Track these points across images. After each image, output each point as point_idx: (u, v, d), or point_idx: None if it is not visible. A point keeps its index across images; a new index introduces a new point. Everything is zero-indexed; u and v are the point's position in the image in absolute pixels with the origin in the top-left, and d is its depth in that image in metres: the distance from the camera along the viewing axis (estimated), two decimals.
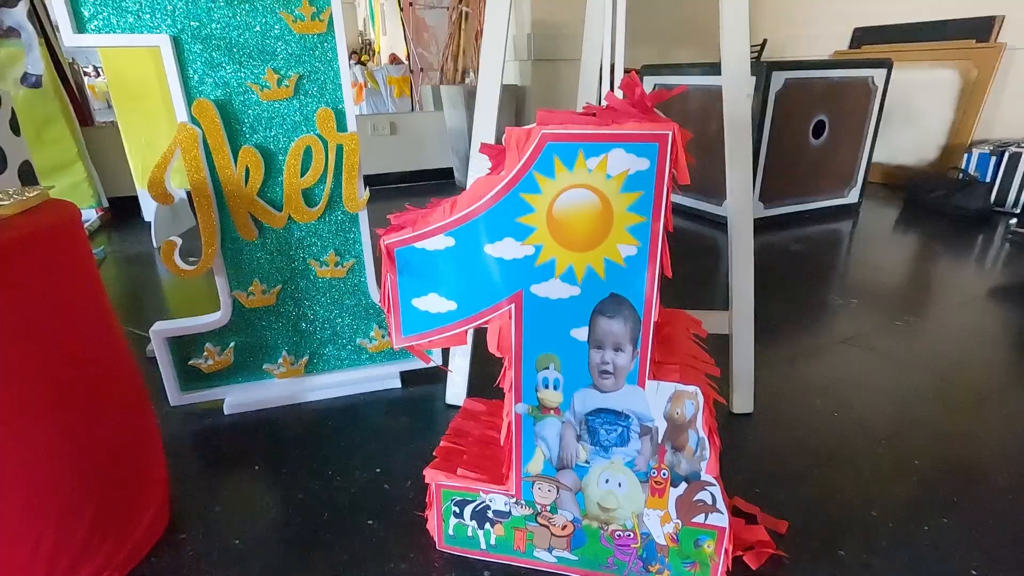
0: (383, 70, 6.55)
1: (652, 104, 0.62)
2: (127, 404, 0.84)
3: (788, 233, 2.32)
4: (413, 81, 5.39)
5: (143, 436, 0.86)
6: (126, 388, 0.84)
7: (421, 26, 5.40)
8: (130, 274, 1.98)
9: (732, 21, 0.94)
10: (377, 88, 6.58)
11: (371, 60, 9.60)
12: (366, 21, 10.29)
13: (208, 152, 1.00)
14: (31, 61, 2.27)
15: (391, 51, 8.61)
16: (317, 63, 1.01)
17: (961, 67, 2.78)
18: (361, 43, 10.43)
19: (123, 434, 0.83)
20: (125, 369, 0.84)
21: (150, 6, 0.92)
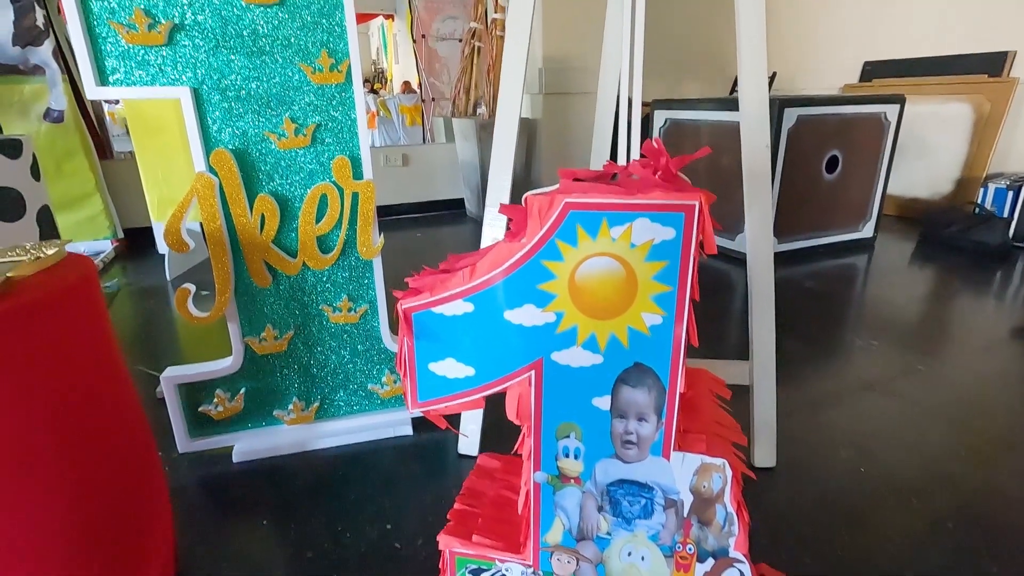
0: (395, 99, 6.67)
1: (677, 169, 0.61)
2: (135, 460, 0.83)
3: (803, 268, 2.30)
4: (425, 110, 5.47)
5: (150, 493, 0.85)
6: (134, 444, 0.83)
7: (433, 57, 5.51)
8: (143, 308, 1.98)
9: (751, 76, 0.93)
10: (389, 116, 6.70)
11: (383, 88, 9.79)
12: (379, 50, 10.52)
13: (224, 200, 1.00)
14: (54, 97, 2.32)
15: (404, 79, 8.77)
16: (334, 112, 1.02)
17: (974, 101, 2.78)
18: (374, 71, 10.66)
19: (130, 491, 0.81)
20: (134, 425, 0.83)
21: (172, 59, 0.93)
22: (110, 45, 0.90)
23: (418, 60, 5.48)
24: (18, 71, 2.27)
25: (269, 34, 0.96)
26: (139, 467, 0.83)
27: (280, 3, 0.95)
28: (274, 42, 0.96)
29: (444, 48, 5.41)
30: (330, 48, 0.98)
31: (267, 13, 0.95)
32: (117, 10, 0.89)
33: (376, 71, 10.06)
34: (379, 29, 9.53)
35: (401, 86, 7.95)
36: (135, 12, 0.89)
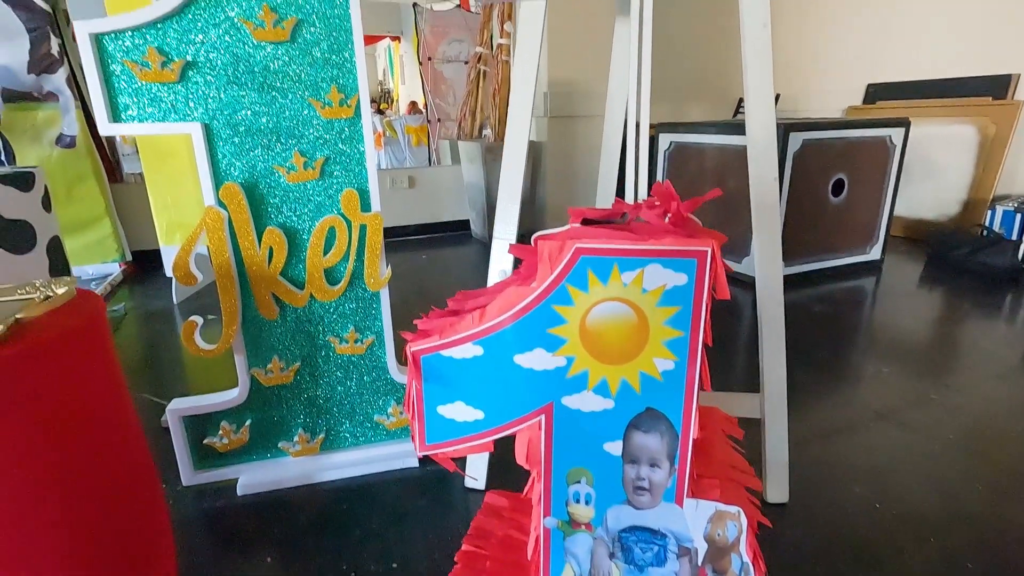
0: (402, 120, 6.73)
1: (688, 213, 0.60)
2: (138, 497, 0.82)
3: (811, 291, 2.28)
4: (431, 131, 5.53)
5: (153, 529, 0.84)
6: (137, 481, 0.82)
7: (439, 78, 5.57)
8: (149, 332, 1.98)
9: (757, 110, 0.94)
10: (395, 137, 6.75)
11: (390, 108, 9.91)
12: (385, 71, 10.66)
13: (233, 233, 1.00)
14: (67, 123, 2.36)
15: (410, 100, 8.87)
16: (343, 146, 1.03)
17: (979, 123, 2.78)
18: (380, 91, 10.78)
19: (133, 528, 0.80)
20: (138, 461, 0.82)
21: (184, 96, 0.94)
22: (123, 82, 0.91)
23: (424, 82, 5.54)
24: (32, 98, 2.31)
25: (280, 70, 0.97)
26: (142, 504, 0.82)
27: (291, 40, 0.96)
28: (285, 78, 0.97)
29: (450, 70, 5.47)
30: (340, 84, 0.99)
31: (278, 50, 0.96)
32: (131, 48, 0.91)
33: (383, 91, 10.18)
34: (386, 50, 9.66)
35: (407, 107, 8.04)
36: (149, 51, 0.91)
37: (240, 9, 0.93)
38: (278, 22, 0.94)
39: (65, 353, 0.65)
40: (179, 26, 0.92)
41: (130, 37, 0.90)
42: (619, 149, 1.37)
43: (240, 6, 0.93)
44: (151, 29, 0.91)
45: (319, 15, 0.96)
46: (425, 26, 5.54)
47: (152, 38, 0.91)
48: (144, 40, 0.91)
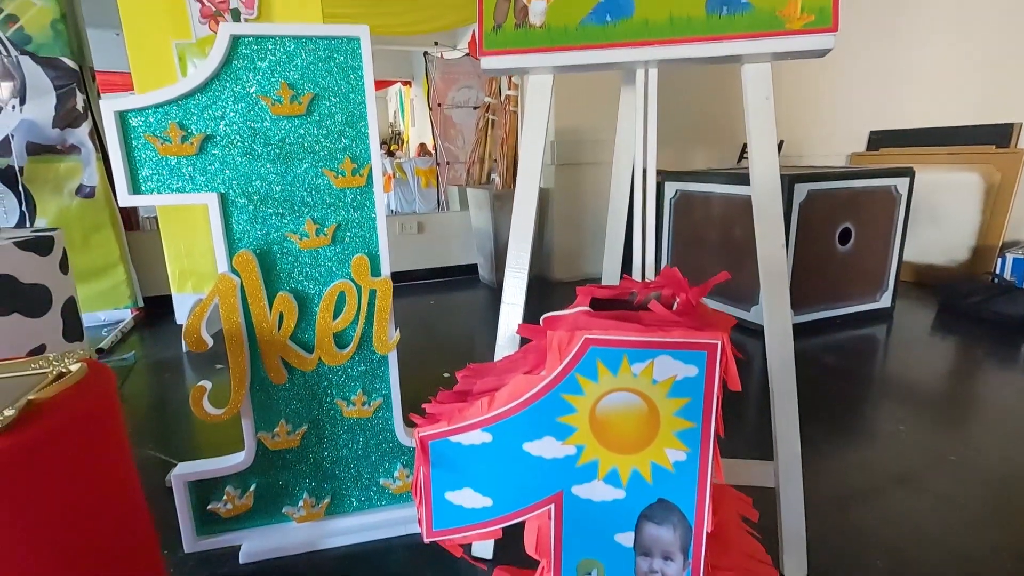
0: (411, 162, 6.88)
1: (697, 300, 0.60)
2: (139, 568, 0.80)
3: (821, 340, 2.26)
4: (440, 173, 5.63)
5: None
6: (139, 552, 0.80)
7: (448, 123, 5.72)
8: (158, 382, 1.99)
9: (763, 180, 0.95)
10: (405, 179, 6.89)
11: (400, 149, 10.09)
12: (396, 113, 10.88)
13: (244, 299, 1.01)
14: (88, 174, 2.43)
15: (420, 141, 9.07)
16: (355, 213, 1.05)
17: (983, 171, 2.80)
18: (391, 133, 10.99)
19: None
20: (140, 532, 0.81)
21: (202, 168, 0.97)
22: (145, 156, 0.95)
23: (434, 126, 5.68)
24: (56, 151, 2.39)
25: (295, 142, 1.00)
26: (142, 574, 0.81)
27: (307, 114, 0.99)
28: (300, 149, 1.00)
29: (459, 115, 5.62)
30: (353, 154, 1.02)
31: (294, 123, 0.99)
32: (154, 124, 0.94)
33: (393, 133, 10.41)
34: (397, 94, 9.93)
35: (417, 149, 8.23)
36: (170, 126, 0.94)
37: (259, 86, 0.97)
38: (295, 97, 0.98)
39: (77, 437, 0.65)
40: (200, 102, 0.96)
41: (153, 113, 0.94)
42: (627, 200, 1.37)
43: (259, 83, 0.97)
44: (173, 105, 0.94)
45: (334, 90, 1.00)
46: (435, 73, 5.72)
47: (174, 114, 0.95)
48: (166, 116, 0.94)
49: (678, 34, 0.95)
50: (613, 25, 0.96)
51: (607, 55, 0.97)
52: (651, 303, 0.60)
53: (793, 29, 0.92)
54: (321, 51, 0.98)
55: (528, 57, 0.99)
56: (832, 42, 0.92)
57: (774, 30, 0.92)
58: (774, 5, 0.92)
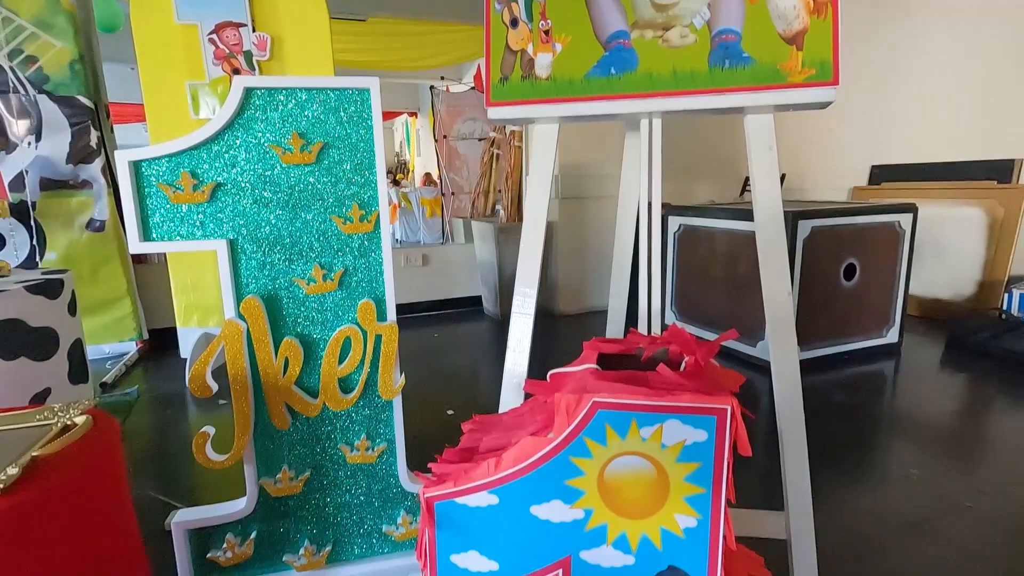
0: (417, 192, 6.96)
1: (706, 360, 0.60)
2: None
3: (828, 377, 2.24)
4: (444, 204, 5.70)
5: None
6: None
7: (453, 154, 5.80)
8: (161, 418, 1.98)
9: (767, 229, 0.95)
10: (410, 208, 6.96)
11: (405, 178, 10.20)
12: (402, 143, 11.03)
13: (250, 344, 1.01)
14: (99, 209, 2.47)
15: (425, 171, 9.17)
16: (362, 258, 1.05)
17: (986, 206, 2.81)
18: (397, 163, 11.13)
19: None
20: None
21: (212, 215, 0.98)
22: (156, 204, 0.96)
23: (439, 157, 5.77)
24: (68, 186, 2.43)
25: (304, 189, 1.01)
26: None
27: (317, 162, 1.01)
28: (309, 196, 1.02)
29: (464, 146, 5.72)
30: (361, 201, 1.04)
31: (304, 171, 1.01)
32: (167, 173, 0.96)
33: (399, 163, 10.55)
34: (403, 124, 10.10)
35: (422, 178, 8.33)
36: (183, 175, 0.96)
37: (271, 135, 0.99)
38: (305, 147, 1.00)
39: (79, 494, 0.65)
40: (213, 151, 0.97)
41: (166, 162, 0.96)
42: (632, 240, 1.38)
43: (271, 132, 0.99)
44: (186, 155, 0.96)
45: (344, 139, 1.02)
46: (441, 106, 5.83)
47: (187, 163, 0.96)
48: (179, 165, 0.96)
49: (681, 87, 0.97)
50: (617, 78, 0.98)
51: (612, 106, 0.99)
52: (659, 367, 0.60)
53: (795, 82, 0.94)
54: (332, 101, 1.00)
55: (534, 108, 1.01)
56: (834, 95, 0.94)
57: (776, 83, 0.94)
58: (775, 59, 0.94)
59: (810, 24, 0.92)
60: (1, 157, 2.33)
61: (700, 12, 0.94)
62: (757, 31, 0.94)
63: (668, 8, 0.94)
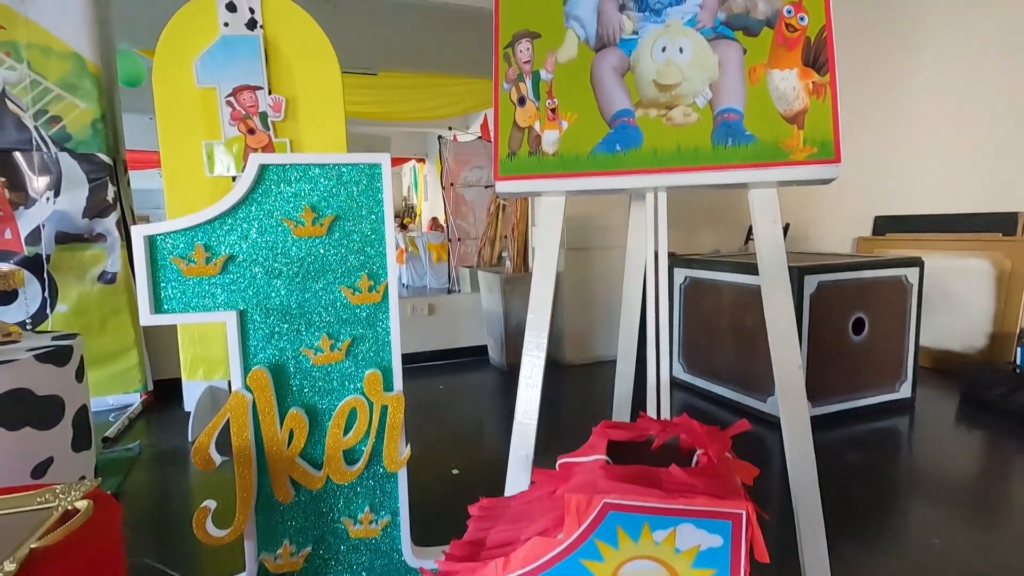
0: (423, 237, 7.05)
1: (719, 457, 0.59)
2: None
3: (841, 434, 2.19)
4: (451, 250, 5.76)
5: None
6: None
7: (460, 201, 5.90)
8: (161, 476, 1.95)
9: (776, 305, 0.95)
10: (417, 253, 7.04)
11: (412, 222, 10.35)
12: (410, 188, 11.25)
13: (256, 416, 1.01)
14: (111, 261, 2.50)
15: (432, 215, 9.31)
16: (370, 329, 1.06)
17: (992, 257, 2.81)
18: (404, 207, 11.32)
19: None
20: None
21: (223, 286, 1.00)
22: (168, 276, 0.97)
23: (446, 204, 5.87)
24: (82, 239, 2.47)
25: (315, 261, 1.03)
26: None
27: (328, 234, 1.03)
28: (319, 267, 1.03)
29: (470, 193, 5.83)
30: (370, 272, 1.05)
31: (315, 243, 1.03)
32: (181, 246, 0.97)
33: (406, 207, 10.74)
34: (411, 169, 10.33)
35: (428, 223, 8.46)
36: (196, 248, 0.97)
37: (283, 210, 1.01)
38: (317, 219, 1.02)
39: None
40: (227, 224, 1.00)
41: (181, 236, 0.98)
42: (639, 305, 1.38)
43: (284, 206, 1.01)
44: (200, 229, 0.98)
45: (355, 212, 1.04)
46: (449, 155, 5.97)
47: (201, 237, 0.98)
48: (193, 239, 0.98)
49: (685, 163, 0.99)
50: (623, 154, 1.00)
51: (617, 181, 1.01)
52: (672, 468, 0.59)
53: (797, 160, 0.96)
54: (344, 176, 1.03)
55: (542, 182, 1.03)
56: (836, 172, 0.95)
57: (779, 160, 0.96)
58: (777, 137, 0.96)
59: (810, 104, 0.95)
60: (20, 212, 2.38)
61: (702, 92, 0.97)
62: (758, 110, 0.96)
63: (671, 88, 0.97)
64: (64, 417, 1.10)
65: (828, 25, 0.92)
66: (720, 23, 0.90)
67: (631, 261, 1.33)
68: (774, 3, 0.88)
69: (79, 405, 1.16)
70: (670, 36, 0.89)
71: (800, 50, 0.92)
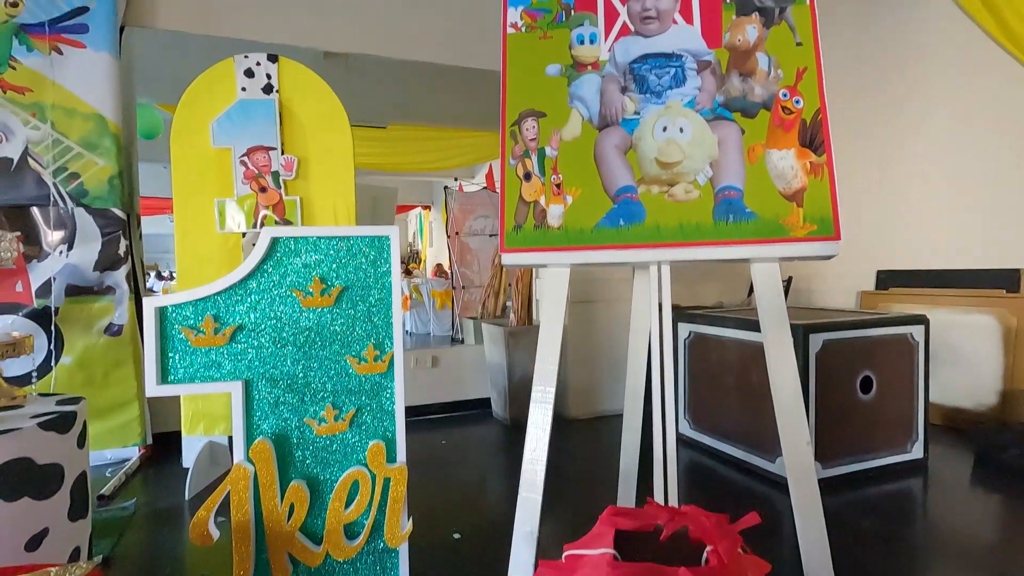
0: (428, 284, 7.10)
1: (730, 556, 0.58)
2: None
3: (854, 497, 2.13)
4: (455, 298, 5.79)
5: None
6: None
7: (465, 249, 5.98)
8: (156, 537, 1.90)
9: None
10: (421, 300, 7.06)
11: (418, 268, 10.44)
12: (415, 234, 11.40)
13: (256, 488, 0.99)
14: (119, 314, 2.52)
15: (436, 261, 9.40)
16: (375, 399, 1.06)
17: (997, 314, 2.80)
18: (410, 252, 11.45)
19: None
20: None
21: (230, 356, 1.00)
22: (176, 346, 0.98)
23: (451, 252, 5.94)
24: (92, 291, 2.50)
25: (321, 331, 1.04)
26: None
27: (335, 305, 1.04)
28: (325, 337, 1.04)
29: (475, 242, 5.90)
30: (376, 341, 1.05)
31: (322, 313, 1.04)
32: (191, 317, 0.99)
33: (412, 252, 10.87)
34: (417, 217, 10.51)
35: (433, 269, 8.53)
36: (206, 319, 0.99)
37: (293, 281, 1.03)
38: (325, 290, 1.03)
39: None
40: (236, 295, 1.01)
41: (191, 308, 0.99)
42: (644, 375, 1.38)
43: (293, 278, 1.03)
44: (211, 300, 1.00)
45: (362, 283, 1.05)
46: (454, 204, 6.09)
47: (211, 308, 1.00)
48: (204, 310, 0.99)
49: (688, 238, 1.01)
50: (627, 228, 1.03)
51: (621, 255, 1.03)
52: (681, 572, 0.57)
53: (798, 236, 0.98)
54: (353, 248, 1.05)
55: (547, 255, 1.05)
56: (836, 249, 0.97)
57: (779, 237, 0.98)
58: (778, 214, 0.98)
59: (808, 183, 0.98)
60: (32, 264, 2.43)
61: (703, 170, 1.00)
62: (758, 188, 0.99)
63: (672, 166, 1.00)
64: (63, 486, 1.08)
65: (823, 108, 0.95)
66: (719, 105, 0.93)
67: (635, 327, 1.33)
68: (770, 87, 0.91)
69: (79, 472, 1.15)
70: (671, 116, 0.92)
71: (797, 131, 0.96)
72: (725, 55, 0.85)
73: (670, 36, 0.84)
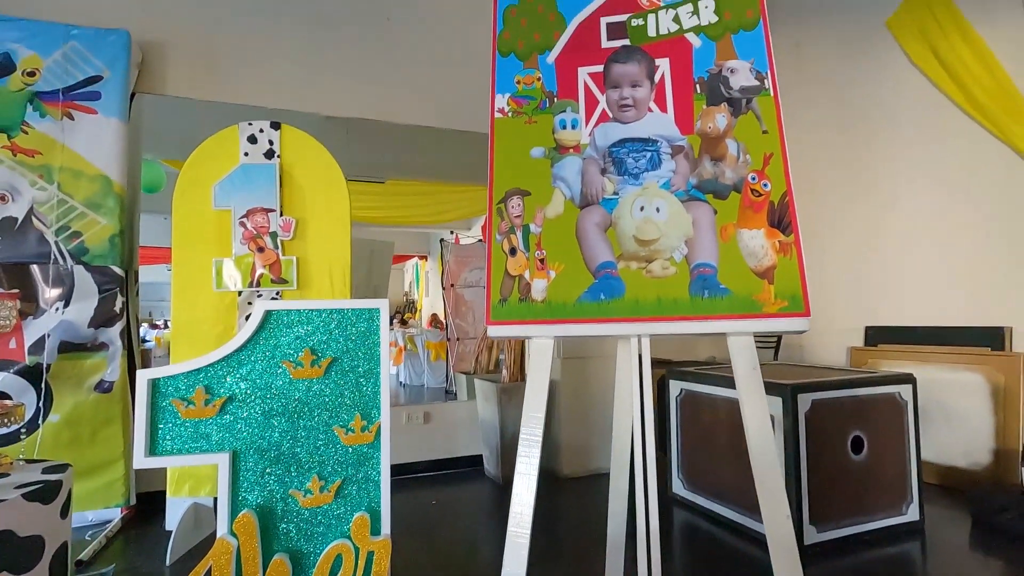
0: (423, 336, 7.11)
1: None
2: None
3: (851, 563, 2.09)
4: (449, 349, 5.79)
5: None
6: None
7: (460, 301, 6.03)
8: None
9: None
10: (416, 351, 7.06)
11: (413, 317, 10.47)
12: (411, 284, 11.51)
13: (239, 563, 0.99)
14: (111, 370, 2.52)
15: (432, 311, 9.45)
16: (361, 469, 1.07)
17: (985, 372, 2.83)
18: (405, 302, 11.51)
19: None
20: None
21: (219, 428, 1.02)
22: (166, 418, 1.00)
23: (446, 304, 5.99)
24: (85, 348, 2.51)
25: (310, 401, 1.06)
26: None
27: (324, 376, 1.07)
28: (313, 408, 1.06)
29: (470, 293, 5.96)
30: (363, 412, 1.08)
31: (311, 383, 1.06)
32: (183, 389, 1.01)
33: (407, 302, 10.92)
34: (413, 266, 10.63)
35: (428, 319, 8.56)
36: (197, 391, 1.01)
37: (284, 353, 1.06)
38: (315, 362, 1.06)
39: None
40: (227, 367, 1.04)
41: (183, 379, 1.01)
42: (629, 443, 1.39)
43: (285, 349, 1.06)
44: (203, 371, 1.03)
45: (352, 354, 1.09)
46: (450, 256, 6.18)
47: (203, 379, 1.02)
48: (196, 382, 1.02)
49: (665, 313, 1.05)
50: (607, 302, 1.07)
51: (602, 328, 1.07)
52: None
53: (770, 312, 1.02)
54: (345, 320, 1.09)
55: (531, 328, 1.09)
56: (806, 324, 1.01)
57: (752, 312, 1.02)
58: (750, 291, 1.03)
59: (778, 261, 1.03)
60: (28, 321, 2.44)
61: (679, 247, 1.05)
62: (731, 266, 1.04)
63: (650, 243, 1.05)
64: (43, 559, 1.07)
65: (789, 191, 1.02)
66: (692, 187, 1.00)
67: (620, 393, 1.35)
68: (740, 171, 0.98)
69: (60, 543, 1.13)
70: (647, 197, 0.98)
71: (766, 212, 1.02)
72: (697, 141, 0.92)
73: (646, 123, 0.91)
